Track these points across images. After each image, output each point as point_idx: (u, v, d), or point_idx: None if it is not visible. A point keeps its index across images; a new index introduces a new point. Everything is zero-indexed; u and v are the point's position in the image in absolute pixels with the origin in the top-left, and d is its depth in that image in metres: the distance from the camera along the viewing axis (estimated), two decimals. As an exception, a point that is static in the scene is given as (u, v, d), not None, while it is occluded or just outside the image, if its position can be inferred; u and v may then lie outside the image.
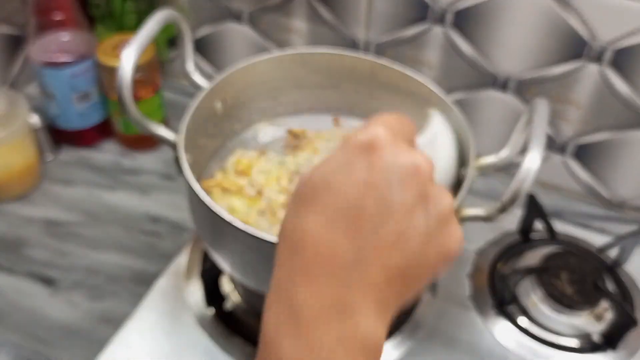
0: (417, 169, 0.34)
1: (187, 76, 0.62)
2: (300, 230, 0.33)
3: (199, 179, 0.62)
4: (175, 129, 0.56)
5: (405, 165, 0.33)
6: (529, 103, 0.76)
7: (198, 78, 0.62)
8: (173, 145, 0.55)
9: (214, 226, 0.52)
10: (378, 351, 0.33)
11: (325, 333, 0.31)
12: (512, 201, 0.47)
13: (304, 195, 0.34)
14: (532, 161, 0.46)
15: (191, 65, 0.62)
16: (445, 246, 0.35)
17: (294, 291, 0.32)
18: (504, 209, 0.47)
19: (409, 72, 0.63)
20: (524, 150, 0.49)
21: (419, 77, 0.62)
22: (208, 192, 0.57)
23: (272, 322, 0.33)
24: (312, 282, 0.32)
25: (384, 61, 0.64)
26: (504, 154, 0.57)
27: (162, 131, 0.56)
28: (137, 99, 0.70)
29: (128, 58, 0.52)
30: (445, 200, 0.35)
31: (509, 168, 0.65)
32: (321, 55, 0.66)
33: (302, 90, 0.68)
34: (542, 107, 0.51)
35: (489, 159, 0.58)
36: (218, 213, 0.49)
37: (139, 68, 0.55)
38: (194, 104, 0.58)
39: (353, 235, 0.32)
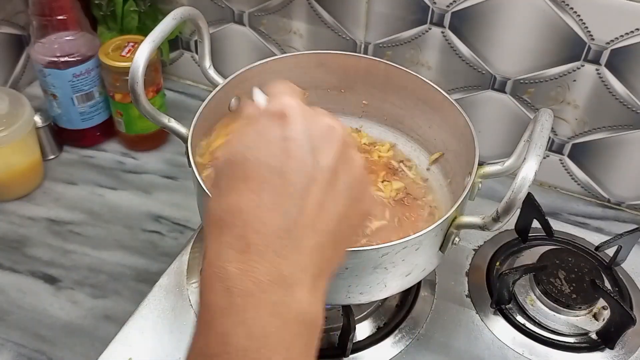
0: (332, 129, 0.34)
1: (204, 72, 0.63)
2: (226, 208, 0.32)
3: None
4: (176, 129, 0.57)
5: (321, 129, 0.33)
6: (531, 109, 0.77)
7: (214, 75, 0.63)
8: (184, 139, 0.56)
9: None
10: (315, 324, 0.33)
11: (259, 306, 0.30)
12: (507, 211, 0.47)
13: (224, 174, 0.33)
14: (528, 171, 0.46)
15: (208, 62, 0.63)
16: (364, 206, 0.35)
17: (226, 265, 0.31)
18: (498, 218, 0.48)
19: (423, 78, 0.64)
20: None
21: (433, 84, 0.63)
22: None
23: (207, 298, 0.32)
24: (244, 255, 0.31)
25: (398, 65, 0.65)
26: (509, 163, 0.58)
27: (174, 124, 0.58)
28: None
29: (142, 52, 0.53)
30: (359, 160, 0.35)
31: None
32: (337, 56, 0.67)
33: (317, 90, 0.69)
34: (545, 118, 0.51)
35: (494, 168, 0.58)
36: None
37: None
38: (207, 99, 0.58)
39: (280, 204, 0.32)
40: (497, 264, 0.72)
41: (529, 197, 0.72)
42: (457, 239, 0.54)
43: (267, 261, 0.31)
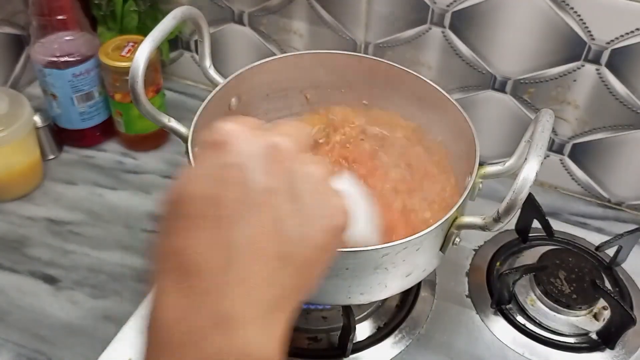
0: (274, 148, 0.30)
1: (204, 72, 0.63)
2: (163, 252, 0.30)
3: None
4: (176, 129, 0.57)
5: (261, 149, 0.30)
6: (532, 109, 0.77)
7: (215, 74, 0.63)
8: (184, 139, 0.56)
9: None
10: None
11: (197, 355, 0.28)
12: (508, 211, 0.47)
13: (163, 216, 0.31)
14: (529, 171, 0.46)
15: (208, 62, 0.63)
16: (328, 219, 0.31)
17: (163, 318, 0.29)
18: (499, 218, 0.48)
19: (424, 77, 0.64)
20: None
21: (433, 84, 0.63)
22: None
23: (148, 343, 0.30)
24: (182, 302, 0.28)
25: (399, 65, 0.65)
26: (510, 163, 0.58)
27: (174, 123, 0.58)
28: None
29: (142, 52, 0.53)
30: (316, 173, 0.32)
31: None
32: (338, 56, 0.67)
33: (317, 90, 0.69)
34: (546, 118, 0.51)
35: (495, 168, 0.58)
36: None
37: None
38: (207, 99, 0.58)
39: (219, 235, 0.29)
40: (498, 264, 0.72)
41: (530, 197, 0.72)
42: (457, 239, 0.54)
43: (209, 303, 0.28)
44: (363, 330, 0.65)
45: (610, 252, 0.72)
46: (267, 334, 0.29)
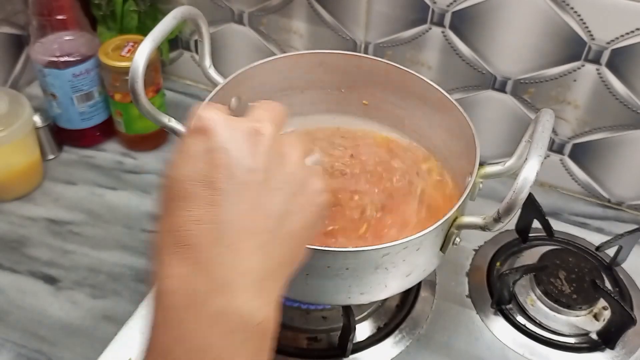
0: (254, 133, 0.34)
1: (204, 72, 0.63)
2: (161, 229, 0.33)
3: None
4: (176, 129, 0.57)
5: (241, 134, 0.33)
6: (532, 109, 0.77)
7: (214, 74, 0.63)
8: None
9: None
10: (263, 329, 0.32)
11: (198, 318, 0.31)
12: (508, 211, 0.46)
13: (163, 197, 0.34)
14: (529, 171, 0.45)
15: (208, 61, 0.63)
16: (308, 200, 0.36)
17: (164, 281, 0.32)
18: (499, 218, 0.48)
19: (424, 77, 0.64)
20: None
21: (434, 84, 0.63)
22: None
23: (150, 320, 0.32)
24: (180, 271, 0.31)
25: (399, 65, 0.65)
26: (510, 163, 0.58)
27: (174, 123, 0.58)
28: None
29: (142, 51, 0.53)
30: (294, 155, 0.35)
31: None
32: (338, 56, 0.67)
33: (317, 90, 0.69)
34: (546, 118, 0.51)
35: (495, 168, 0.58)
36: None
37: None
38: (207, 99, 0.58)
39: (212, 212, 0.32)
40: (498, 264, 0.72)
41: (530, 197, 0.72)
42: (457, 239, 0.54)
43: (204, 271, 0.31)
44: (363, 330, 0.65)
45: (611, 252, 0.72)
46: (261, 300, 0.32)
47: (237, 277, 0.31)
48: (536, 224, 0.73)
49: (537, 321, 0.66)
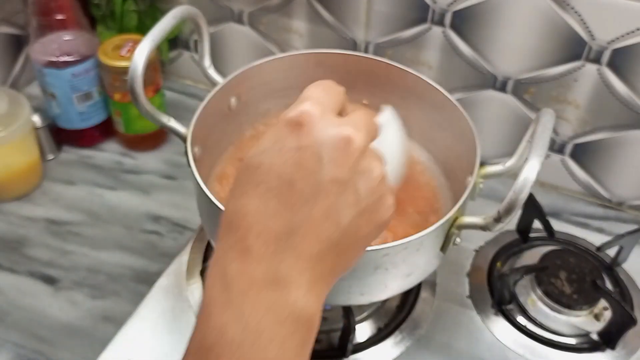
0: (347, 142, 0.34)
1: (203, 72, 0.63)
2: (235, 211, 0.34)
3: (210, 174, 0.63)
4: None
5: (334, 140, 0.34)
6: (532, 109, 0.77)
7: (214, 74, 0.63)
8: (183, 138, 0.56)
9: (217, 219, 0.52)
10: (310, 324, 0.34)
11: (255, 303, 0.32)
12: (508, 211, 0.46)
13: (240, 178, 0.35)
14: (530, 171, 0.45)
15: (208, 61, 0.63)
16: (378, 217, 0.36)
17: (227, 265, 0.33)
18: (500, 218, 0.47)
19: (424, 77, 0.64)
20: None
21: (434, 84, 0.63)
22: None
23: (208, 294, 0.34)
24: (244, 256, 0.33)
25: (399, 64, 0.65)
26: (510, 163, 0.58)
27: (173, 123, 0.58)
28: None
29: (141, 51, 0.53)
30: (376, 171, 0.36)
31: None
32: (338, 56, 0.67)
33: None
34: (547, 118, 0.51)
35: (495, 168, 0.58)
36: (220, 207, 0.49)
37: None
38: (207, 98, 0.58)
39: (285, 210, 0.33)
40: (498, 264, 0.72)
41: (530, 198, 0.72)
42: (458, 239, 0.54)
43: (265, 263, 0.33)
44: (363, 331, 0.64)
45: (611, 252, 0.72)
46: (312, 298, 0.34)
47: (295, 274, 0.33)
48: (537, 224, 0.73)
49: (538, 322, 0.66)
